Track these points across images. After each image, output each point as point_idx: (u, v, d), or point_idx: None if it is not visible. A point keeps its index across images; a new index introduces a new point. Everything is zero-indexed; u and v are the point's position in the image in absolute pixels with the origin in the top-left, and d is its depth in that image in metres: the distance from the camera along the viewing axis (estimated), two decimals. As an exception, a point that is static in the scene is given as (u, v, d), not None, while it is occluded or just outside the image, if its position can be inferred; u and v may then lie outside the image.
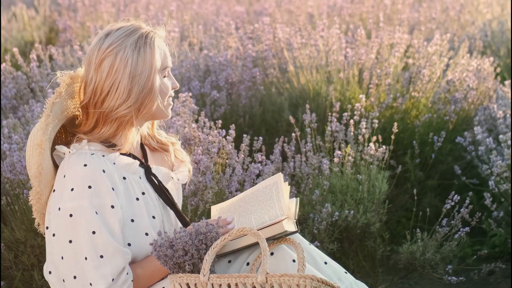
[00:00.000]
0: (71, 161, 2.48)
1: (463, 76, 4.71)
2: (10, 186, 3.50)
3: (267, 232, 2.47)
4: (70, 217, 2.44)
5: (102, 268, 2.43)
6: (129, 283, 2.47)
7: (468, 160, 4.52)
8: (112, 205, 2.46)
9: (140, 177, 2.59)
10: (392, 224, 4.44)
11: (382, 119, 4.45)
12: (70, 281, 2.45)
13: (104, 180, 2.46)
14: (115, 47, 2.51)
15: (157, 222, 2.57)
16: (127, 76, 2.49)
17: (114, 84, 2.49)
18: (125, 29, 2.54)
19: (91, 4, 6.83)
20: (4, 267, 3.51)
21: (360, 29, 4.84)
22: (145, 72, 2.51)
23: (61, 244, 2.46)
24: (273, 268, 2.45)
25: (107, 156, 2.52)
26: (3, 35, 6.66)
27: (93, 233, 2.43)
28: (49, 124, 2.47)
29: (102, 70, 2.50)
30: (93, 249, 2.43)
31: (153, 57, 2.52)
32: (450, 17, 6.49)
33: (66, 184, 2.45)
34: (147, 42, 2.53)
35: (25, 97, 4.67)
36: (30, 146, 2.48)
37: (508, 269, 4.04)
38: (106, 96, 2.50)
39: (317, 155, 3.84)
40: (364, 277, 3.82)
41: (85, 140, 2.53)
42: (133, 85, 2.50)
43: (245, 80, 4.62)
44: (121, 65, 2.49)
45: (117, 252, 2.44)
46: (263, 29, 4.92)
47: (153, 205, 2.58)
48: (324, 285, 2.30)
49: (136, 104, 2.51)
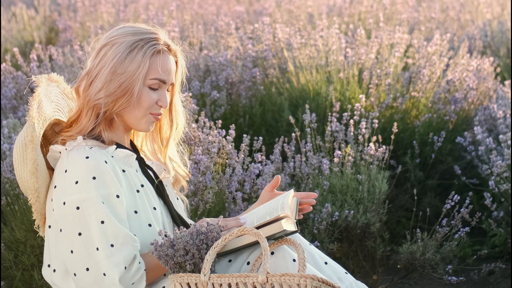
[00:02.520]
0: (71, 155, 2.48)
1: (463, 76, 4.71)
2: (10, 186, 3.50)
3: (266, 231, 2.47)
4: (77, 209, 2.44)
5: (114, 257, 2.43)
6: (142, 272, 2.47)
7: (468, 160, 4.52)
8: (117, 195, 2.47)
9: (137, 170, 2.60)
10: (392, 224, 4.44)
11: (382, 119, 4.45)
12: (83, 273, 2.45)
13: (108, 170, 2.47)
14: (116, 39, 2.55)
15: (158, 213, 2.58)
16: (110, 67, 2.52)
17: (99, 72, 2.54)
18: (136, 29, 2.58)
19: (91, 4, 6.83)
20: (4, 267, 3.51)
21: (360, 29, 4.84)
22: (128, 73, 2.52)
23: (70, 238, 2.46)
24: (274, 268, 2.45)
25: (105, 149, 2.54)
26: (3, 35, 6.66)
27: (102, 222, 2.43)
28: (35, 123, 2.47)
29: (98, 56, 2.56)
30: (104, 238, 2.43)
31: (142, 64, 2.53)
32: (450, 17, 6.49)
33: (70, 178, 2.46)
34: (143, 48, 2.54)
35: (25, 97, 4.67)
36: (21, 147, 2.48)
37: (508, 269, 4.04)
38: (92, 82, 2.55)
39: (317, 155, 3.84)
40: (364, 277, 3.82)
41: (80, 137, 2.54)
42: (112, 78, 2.52)
43: (245, 80, 4.62)
44: (110, 57, 2.53)
45: (127, 240, 2.45)
46: (263, 29, 4.92)
47: (152, 196, 2.59)
48: (324, 285, 2.30)
49: (110, 98, 2.53)
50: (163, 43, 2.58)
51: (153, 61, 2.55)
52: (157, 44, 2.56)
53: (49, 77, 2.62)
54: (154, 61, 2.55)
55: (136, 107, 2.56)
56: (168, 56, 2.59)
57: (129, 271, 2.45)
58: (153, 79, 2.56)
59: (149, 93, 2.57)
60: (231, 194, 3.52)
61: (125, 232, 2.45)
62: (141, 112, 2.57)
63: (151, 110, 2.59)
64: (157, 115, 2.60)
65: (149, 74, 2.55)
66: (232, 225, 2.55)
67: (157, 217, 2.57)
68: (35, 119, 2.48)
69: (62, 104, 2.65)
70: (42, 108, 2.52)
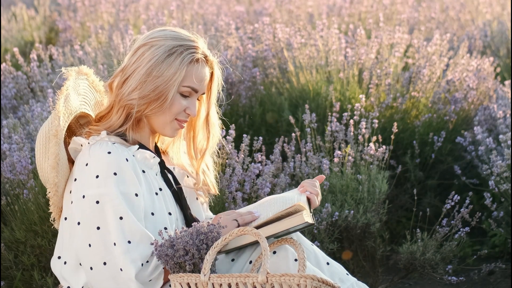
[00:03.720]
0: (94, 149, 2.49)
1: (463, 76, 4.71)
2: (10, 186, 3.50)
3: (287, 224, 2.47)
4: (96, 203, 2.45)
5: (131, 253, 2.44)
6: (160, 270, 2.48)
7: (468, 160, 4.52)
8: (136, 193, 2.48)
9: (157, 174, 2.61)
10: (392, 224, 4.44)
11: (382, 119, 4.45)
12: (99, 268, 2.45)
13: (128, 168, 2.48)
14: (155, 41, 2.55)
15: (173, 219, 2.59)
16: (146, 68, 2.52)
17: (135, 71, 2.54)
18: (177, 34, 2.58)
19: (91, 4, 6.82)
20: (4, 267, 3.51)
21: (360, 29, 4.84)
22: (164, 78, 2.52)
23: (88, 231, 2.46)
24: (275, 267, 2.45)
25: (127, 148, 2.55)
26: (3, 35, 6.65)
27: (121, 218, 2.44)
28: (61, 117, 2.48)
29: (136, 54, 2.56)
30: (121, 234, 2.44)
31: (179, 70, 2.53)
32: (450, 17, 6.49)
33: (90, 171, 2.46)
34: (182, 54, 2.55)
35: (25, 97, 4.67)
36: (43, 139, 2.49)
37: (508, 269, 4.04)
38: (126, 80, 2.55)
39: (317, 155, 3.84)
40: (364, 277, 3.82)
41: (104, 132, 2.54)
42: (147, 80, 2.52)
43: (245, 80, 4.62)
44: (148, 57, 2.53)
45: (144, 237, 2.45)
46: (263, 29, 4.92)
47: (169, 201, 2.60)
48: (324, 285, 2.30)
49: (143, 100, 2.53)
50: (201, 53, 2.59)
51: (189, 69, 2.56)
52: (195, 53, 2.57)
53: (79, 69, 2.63)
54: (191, 69, 2.56)
55: (165, 112, 2.56)
56: (205, 66, 2.60)
57: (146, 268, 2.45)
58: (186, 87, 2.56)
59: (180, 99, 2.57)
60: (231, 194, 3.52)
61: (142, 230, 2.45)
62: (168, 117, 2.58)
63: (178, 117, 2.59)
64: (182, 122, 2.61)
65: (183, 81, 2.56)
66: (248, 219, 2.55)
67: (172, 223, 2.58)
68: (61, 113, 2.48)
69: (89, 97, 2.66)
70: (70, 101, 2.53)
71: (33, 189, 3.44)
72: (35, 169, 3.52)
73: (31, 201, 3.44)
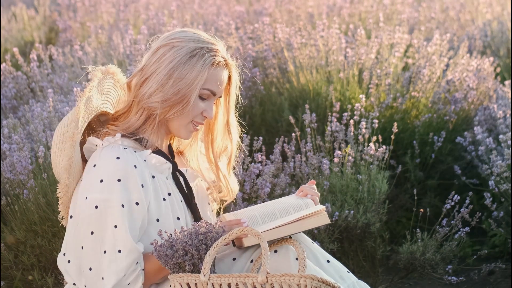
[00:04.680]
0: (104, 152, 2.49)
1: (463, 76, 4.71)
2: (10, 186, 3.50)
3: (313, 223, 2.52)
4: (95, 208, 2.45)
5: (118, 263, 2.45)
6: (138, 271, 2.48)
7: (468, 160, 4.52)
8: (137, 202, 2.47)
9: (167, 178, 2.60)
10: (392, 224, 4.44)
11: (382, 119, 4.45)
12: (86, 272, 2.48)
13: (134, 175, 2.47)
14: (176, 42, 2.54)
15: (181, 224, 2.58)
16: (167, 69, 2.51)
17: (155, 71, 2.52)
18: (198, 36, 2.57)
19: (91, 4, 6.82)
20: (4, 267, 3.51)
21: (360, 29, 4.84)
22: (187, 80, 2.51)
23: (82, 234, 2.47)
24: (276, 266, 2.46)
25: (139, 152, 2.53)
26: (3, 35, 6.65)
27: (115, 227, 2.44)
28: (81, 118, 2.48)
29: (156, 54, 2.54)
30: (113, 243, 2.44)
31: (201, 73, 2.52)
32: (450, 17, 6.49)
33: (96, 174, 2.47)
34: (204, 57, 2.53)
35: (25, 97, 4.67)
36: (60, 138, 2.49)
37: (508, 269, 4.04)
38: (145, 80, 2.53)
39: (317, 155, 3.84)
40: (364, 277, 3.82)
41: (118, 134, 2.54)
42: (168, 82, 2.51)
43: (245, 80, 4.62)
44: (169, 58, 2.51)
45: (133, 249, 2.46)
46: (263, 29, 4.92)
47: (178, 206, 2.59)
48: (324, 285, 2.30)
49: (166, 104, 2.52)
50: (221, 56, 2.58)
51: (210, 71, 2.55)
52: (216, 55, 2.56)
53: (106, 70, 2.60)
54: (211, 72, 2.55)
55: (184, 114, 2.56)
56: (224, 69, 2.59)
57: (128, 277, 2.47)
58: (206, 89, 2.56)
59: (199, 102, 2.57)
60: (231, 194, 3.52)
61: (132, 242, 2.45)
62: (186, 119, 2.57)
63: (195, 119, 2.58)
64: (198, 125, 2.60)
65: (204, 84, 2.55)
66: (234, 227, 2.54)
67: (179, 227, 2.57)
68: (80, 114, 2.47)
69: (113, 95, 2.64)
70: (91, 102, 2.51)
71: (33, 189, 3.44)
72: (35, 169, 3.52)
73: (31, 201, 3.44)
